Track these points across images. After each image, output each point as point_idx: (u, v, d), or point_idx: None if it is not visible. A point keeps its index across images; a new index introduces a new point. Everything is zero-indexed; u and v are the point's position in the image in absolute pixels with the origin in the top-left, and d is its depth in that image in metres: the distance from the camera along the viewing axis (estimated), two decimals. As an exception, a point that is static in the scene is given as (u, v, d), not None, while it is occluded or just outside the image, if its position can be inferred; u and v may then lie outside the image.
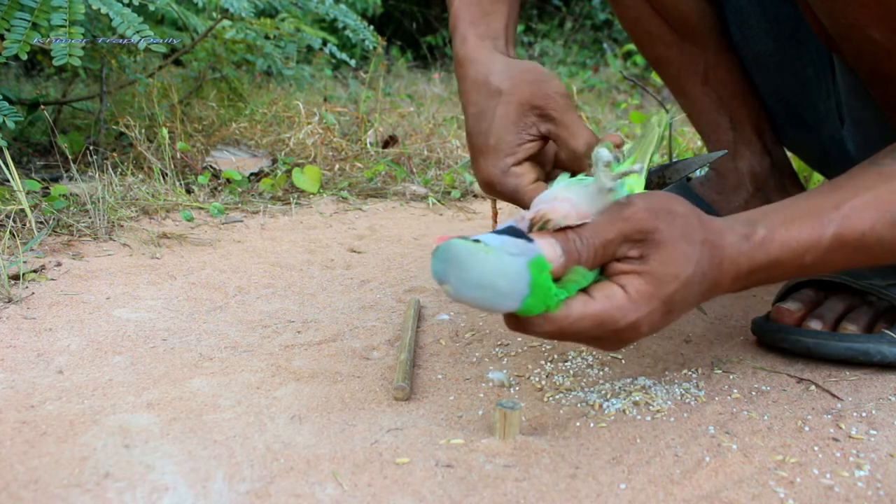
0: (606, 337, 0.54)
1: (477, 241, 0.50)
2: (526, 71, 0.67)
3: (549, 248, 0.52)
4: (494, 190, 0.67)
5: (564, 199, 0.55)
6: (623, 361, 0.78)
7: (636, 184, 0.63)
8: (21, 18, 1.17)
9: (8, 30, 1.16)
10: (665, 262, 0.53)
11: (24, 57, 1.16)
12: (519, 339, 0.83)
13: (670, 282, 0.53)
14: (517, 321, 0.53)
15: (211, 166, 1.54)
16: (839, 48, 0.72)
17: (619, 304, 0.53)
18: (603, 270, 0.55)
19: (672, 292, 0.54)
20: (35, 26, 1.18)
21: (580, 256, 0.53)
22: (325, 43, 1.99)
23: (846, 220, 0.60)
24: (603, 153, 0.57)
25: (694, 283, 0.54)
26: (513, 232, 0.53)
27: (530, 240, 0.52)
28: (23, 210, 1.14)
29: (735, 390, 0.72)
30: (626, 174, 0.57)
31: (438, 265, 0.51)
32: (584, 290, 0.54)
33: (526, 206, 0.66)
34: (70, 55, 1.17)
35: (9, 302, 0.89)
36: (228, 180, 1.48)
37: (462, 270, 0.50)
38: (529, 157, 0.67)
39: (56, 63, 1.16)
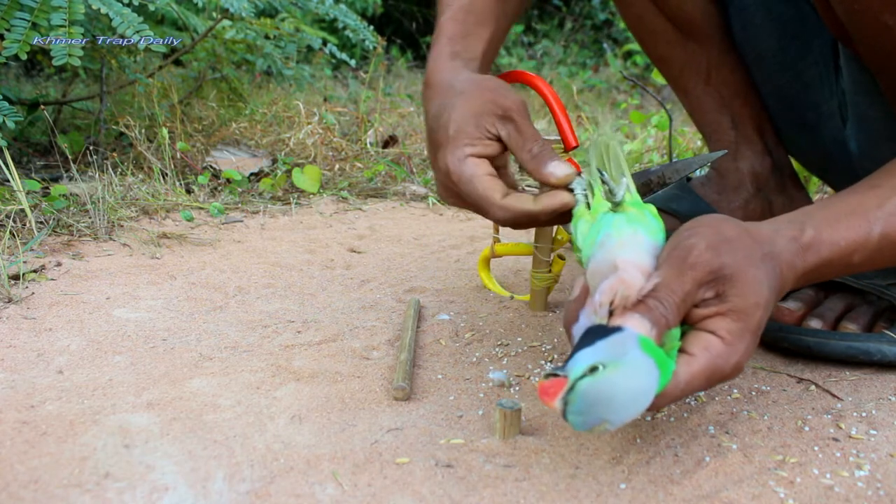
0: (714, 384, 0.55)
1: (594, 368, 0.49)
2: (489, 79, 0.68)
3: (640, 327, 0.51)
4: (450, 180, 0.65)
5: (626, 263, 0.54)
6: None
7: (635, 196, 0.63)
8: (21, 18, 1.17)
9: (8, 30, 1.16)
10: (744, 295, 0.54)
11: (24, 57, 1.16)
12: (519, 338, 0.83)
13: (755, 311, 0.54)
14: None
15: (211, 166, 1.54)
16: (850, 37, 0.72)
17: (719, 351, 0.53)
18: (685, 320, 0.55)
19: (759, 319, 0.54)
20: (35, 26, 1.17)
21: (668, 321, 0.52)
22: (325, 43, 1.99)
23: (891, 218, 0.60)
24: (620, 186, 0.60)
25: (770, 302, 0.55)
26: (598, 332, 0.51)
27: (619, 328, 0.51)
28: (23, 210, 1.14)
29: (735, 390, 0.72)
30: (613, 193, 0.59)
31: (584, 418, 0.49)
32: (680, 350, 0.54)
33: (480, 202, 0.64)
34: (70, 55, 1.17)
35: (9, 302, 0.89)
36: (228, 180, 1.48)
37: (613, 403, 0.48)
38: (487, 155, 0.66)
39: (56, 63, 1.16)
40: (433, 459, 0.58)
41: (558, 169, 0.63)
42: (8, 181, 1.19)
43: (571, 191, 0.64)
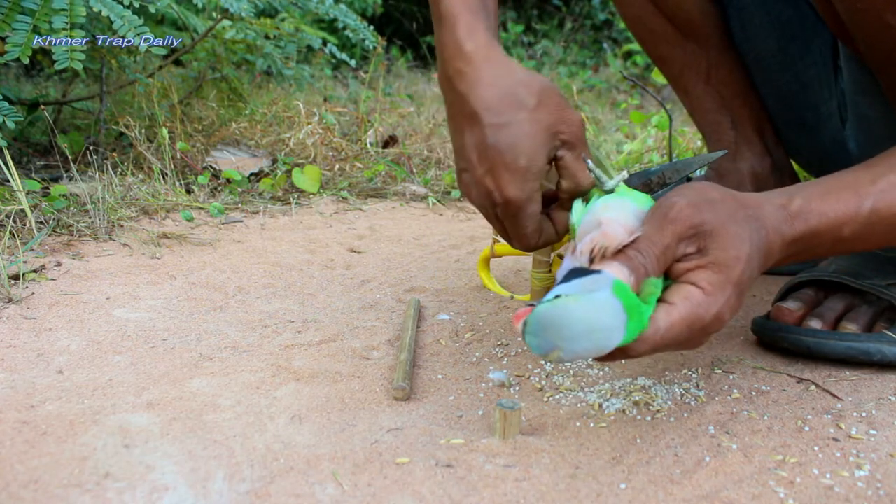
0: (696, 335, 0.56)
1: (557, 296, 0.50)
2: (550, 90, 0.63)
3: (618, 272, 0.53)
4: (505, 205, 0.63)
5: (610, 220, 0.56)
6: (623, 361, 0.78)
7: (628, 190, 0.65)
8: (22, 21, 1.17)
9: (9, 33, 1.15)
10: (725, 248, 0.55)
11: (26, 61, 1.16)
12: (519, 338, 0.83)
13: (736, 264, 0.55)
14: (612, 354, 0.54)
15: (211, 166, 1.53)
16: (852, 37, 0.72)
17: (699, 300, 0.54)
18: (668, 275, 0.57)
19: (741, 273, 0.55)
20: (36, 29, 1.17)
21: (647, 269, 0.54)
22: (325, 43, 1.99)
23: (883, 194, 0.61)
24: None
25: (753, 258, 0.56)
26: (578, 272, 0.53)
27: (597, 271, 0.53)
28: (23, 210, 1.14)
29: (735, 390, 0.72)
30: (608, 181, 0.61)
31: (537, 339, 0.50)
32: (661, 300, 0.55)
33: (516, 235, 0.65)
34: (72, 59, 1.17)
35: (9, 302, 0.89)
36: (228, 180, 1.48)
37: (564, 329, 0.50)
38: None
39: (58, 66, 1.16)
40: (433, 459, 0.58)
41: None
42: (8, 181, 1.19)
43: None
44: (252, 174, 1.55)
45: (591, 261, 0.55)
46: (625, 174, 0.63)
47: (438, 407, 0.67)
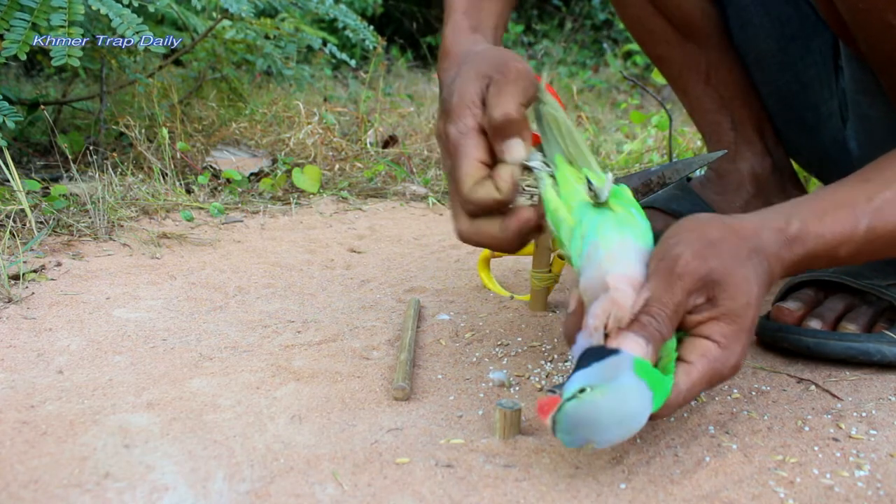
0: (714, 386, 0.56)
1: (582, 390, 0.50)
2: (502, 49, 0.65)
3: (636, 347, 0.52)
4: (448, 148, 0.61)
5: (617, 281, 0.54)
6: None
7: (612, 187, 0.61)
8: (20, 19, 1.17)
9: (8, 30, 1.16)
10: (735, 297, 0.54)
11: (24, 57, 1.16)
12: (519, 338, 0.83)
13: (747, 311, 0.55)
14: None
15: (211, 166, 1.53)
16: (853, 36, 0.72)
17: (716, 356, 0.54)
18: (679, 327, 0.56)
19: (752, 318, 0.56)
20: (35, 27, 1.17)
21: (663, 334, 0.53)
22: (325, 43, 1.98)
23: (879, 212, 0.60)
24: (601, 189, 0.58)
25: (761, 297, 0.56)
26: (594, 353, 0.52)
27: (616, 351, 0.52)
28: (23, 210, 1.14)
29: (735, 390, 0.72)
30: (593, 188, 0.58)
31: (570, 436, 0.51)
32: (678, 359, 0.55)
33: (455, 182, 0.60)
34: (69, 56, 1.17)
35: (9, 302, 0.89)
36: (228, 180, 1.48)
37: (596, 425, 0.50)
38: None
39: (55, 63, 1.16)
40: (433, 459, 0.58)
41: (513, 149, 0.59)
42: (8, 181, 1.19)
43: (529, 168, 0.61)
44: (252, 174, 1.55)
45: (607, 335, 0.53)
46: (611, 177, 0.60)
47: (438, 407, 0.67)
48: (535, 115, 0.64)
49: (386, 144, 1.82)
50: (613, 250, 0.56)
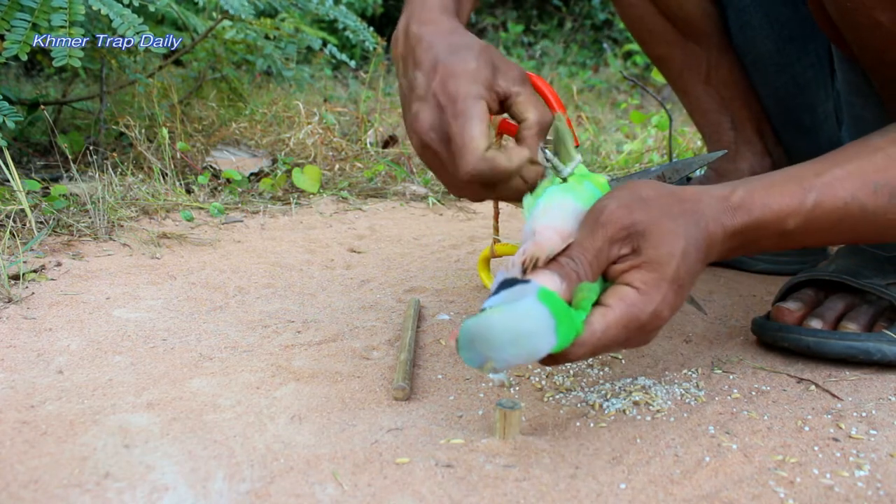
0: (635, 335, 0.56)
1: (482, 310, 0.52)
2: (491, 48, 0.64)
3: (548, 280, 0.53)
4: (444, 109, 0.60)
5: (543, 228, 0.57)
6: (623, 361, 0.78)
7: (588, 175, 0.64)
8: (21, 19, 1.17)
9: (8, 30, 1.16)
10: (657, 245, 0.55)
11: (25, 58, 1.16)
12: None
13: (669, 260, 0.55)
14: (552, 358, 0.54)
15: (211, 166, 1.54)
16: (843, 37, 0.72)
17: (634, 300, 0.55)
18: (605, 277, 0.57)
19: (675, 269, 0.55)
20: (35, 27, 1.18)
21: (579, 275, 0.54)
22: (324, 43, 1.99)
23: (828, 187, 0.60)
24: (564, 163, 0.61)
25: (690, 252, 0.56)
26: (506, 283, 0.54)
27: (526, 281, 0.53)
28: (23, 210, 1.14)
29: (735, 390, 0.72)
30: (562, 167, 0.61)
31: (468, 353, 0.52)
32: (597, 303, 0.56)
33: (462, 146, 0.59)
34: (70, 56, 1.17)
35: (9, 302, 0.89)
36: (228, 180, 1.48)
37: (490, 340, 0.50)
38: (491, 112, 0.62)
39: (56, 64, 1.16)
40: (433, 459, 0.58)
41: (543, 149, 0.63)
42: (8, 181, 1.19)
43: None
44: (252, 174, 1.55)
45: (524, 271, 0.55)
46: (579, 158, 0.63)
47: (438, 407, 0.67)
48: None
49: (386, 144, 1.82)
50: (549, 205, 0.59)
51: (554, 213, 0.58)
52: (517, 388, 0.72)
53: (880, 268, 0.81)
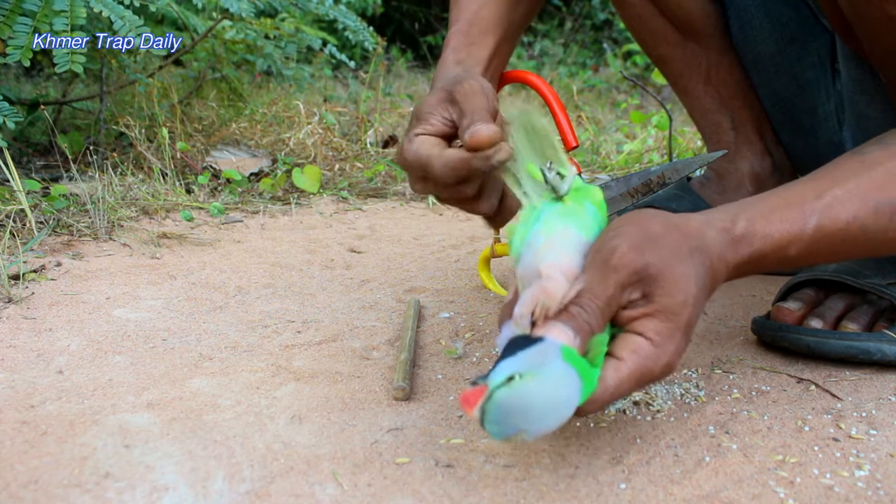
0: (645, 385, 0.54)
1: (510, 378, 0.48)
2: (465, 73, 0.68)
3: (563, 336, 0.50)
4: (404, 160, 0.66)
5: (550, 269, 0.53)
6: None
7: (582, 186, 0.61)
8: (23, 23, 1.17)
9: (11, 35, 1.15)
10: (671, 293, 0.53)
11: (27, 63, 1.15)
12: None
13: (683, 309, 0.53)
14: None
15: (211, 166, 1.54)
16: (854, 33, 0.71)
17: (648, 353, 0.52)
18: (613, 322, 0.54)
19: (688, 317, 0.53)
20: (37, 31, 1.17)
21: (592, 327, 0.51)
22: (324, 43, 1.99)
23: (828, 210, 0.59)
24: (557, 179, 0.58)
25: (700, 298, 0.54)
26: (520, 343, 0.51)
27: (541, 339, 0.50)
28: (23, 210, 1.14)
29: (735, 390, 0.72)
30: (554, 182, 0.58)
31: (501, 427, 0.48)
32: (608, 354, 0.53)
33: (424, 163, 0.64)
34: (72, 61, 1.17)
35: (9, 302, 0.89)
36: (228, 180, 1.48)
37: (528, 412, 0.47)
38: (437, 134, 0.66)
39: (59, 70, 1.16)
40: (433, 459, 0.58)
41: (483, 129, 0.61)
42: (8, 181, 1.19)
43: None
44: (252, 174, 1.55)
45: (533, 323, 0.52)
46: (574, 172, 0.59)
47: (438, 407, 0.67)
48: (513, 122, 0.64)
49: (386, 144, 1.82)
50: (552, 239, 0.55)
51: (558, 248, 0.54)
52: (517, 388, 0.72)
53: (880, 267, 0.81)
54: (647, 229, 0.54)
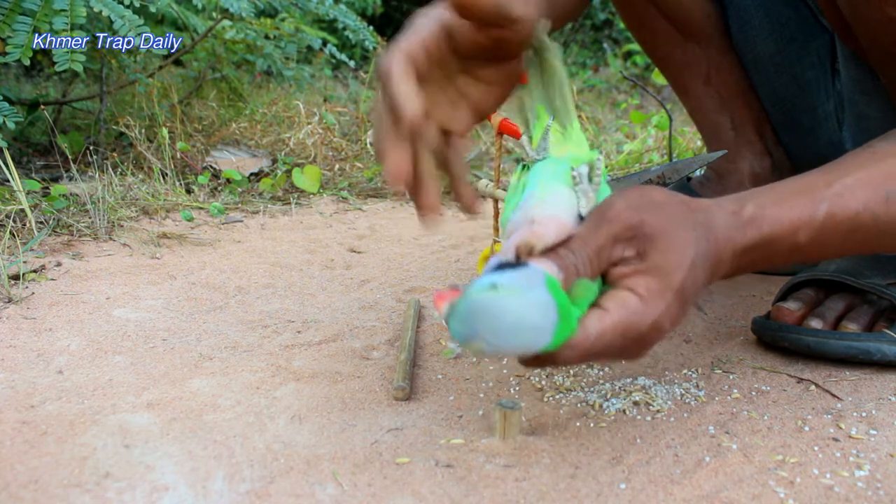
0: (631, 345, 0.52)
1: (495, 286, 0.46)
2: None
3: (548, 268, 0.49)
4: (381, 76, 0.57)
5: (543, 218, 0.52)
6: (623, 361, 0.78)
7: (576, 138, 0.60)
8: (23, 23, 1.17)
9: (10, 35, 1.15)
10: (665, 253, 0.51)
11: (27, 63, 1.16)
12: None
13: (677, 271, 0.51)
14: (539, 359, 0.50)
15: (211, 166, 1.54)
16: (853, 33, 0.71)
17: (635, 308, 0.51)
18: (605, 280, 0.53)
19: (682, 280, 0.51)
20: (37, 30, 1.17)
21: (578, 270, 0.50)
22: (324, 43, 1.99)
23: (839, 198, 0.58)
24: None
25: (698, 266, 0.52)
26: (507, 266, 0.49)
27: (526, 265, 0.48)
28: (23, 210, 1.14)
29: (735, 390, 0.72)
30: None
31: (461, 326, 0.46)
32: (595, 305, 0.51)
33: (397, 108, 0.54)
34: (72, 60, 1.17)
35: (9, 302, 0.89)
36: (228, 180, 1.48)
37: (494, 321, 0.45)
38: (427, 48, 0.60)
39: (59, 69, 1.16)
40: (433, 459, 0.58)
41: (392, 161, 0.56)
42: (8, 181, 1.19)
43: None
44: (252, 174, 1.55)
45: (517, 258, 0.50)
46: (550, 122, 0.58)
47: (438, 407, 0.67)
48: (530, 59, 0.62)
49: (386, 144, 1.82)
50: (547, 198, 0.54)
51: (553, 205, 0.54)
52: (517, 388, 0.72)
53: (881, 267, 0.81)
54: (650, 195, 0.54)
